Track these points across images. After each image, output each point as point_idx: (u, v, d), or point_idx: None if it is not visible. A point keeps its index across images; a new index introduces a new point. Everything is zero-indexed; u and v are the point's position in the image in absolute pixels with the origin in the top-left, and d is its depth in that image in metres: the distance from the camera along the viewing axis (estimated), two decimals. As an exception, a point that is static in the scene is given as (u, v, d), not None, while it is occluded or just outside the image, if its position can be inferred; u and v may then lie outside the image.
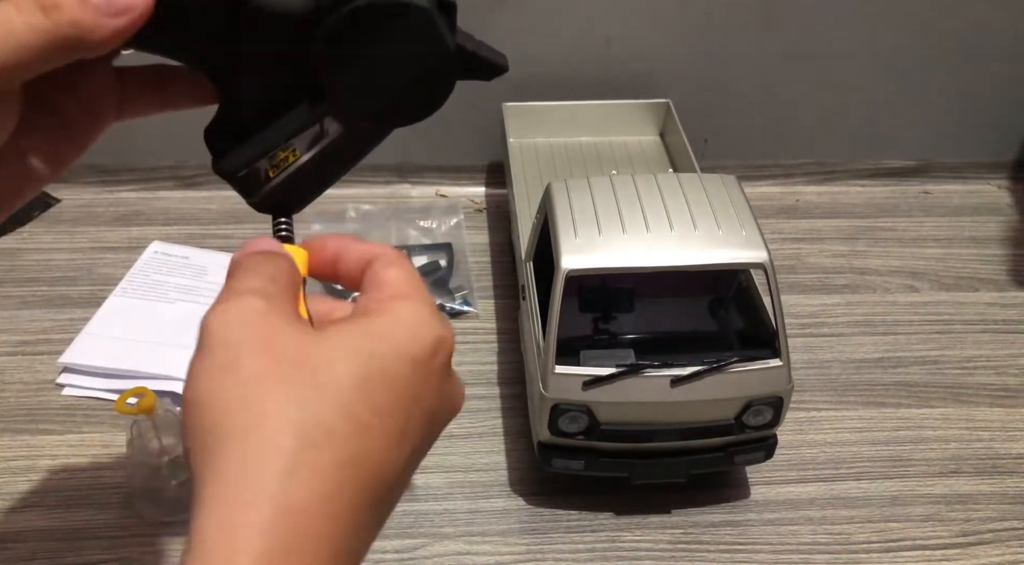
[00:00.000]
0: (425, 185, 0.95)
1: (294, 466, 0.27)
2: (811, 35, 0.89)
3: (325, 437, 0.28)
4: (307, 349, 0.29)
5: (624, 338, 0.62)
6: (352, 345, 0.30)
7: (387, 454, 0.30)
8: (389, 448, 0.30)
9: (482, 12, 0.85)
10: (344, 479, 0.28)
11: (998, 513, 0.65)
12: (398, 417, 0.30)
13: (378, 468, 0.29)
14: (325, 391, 0.29)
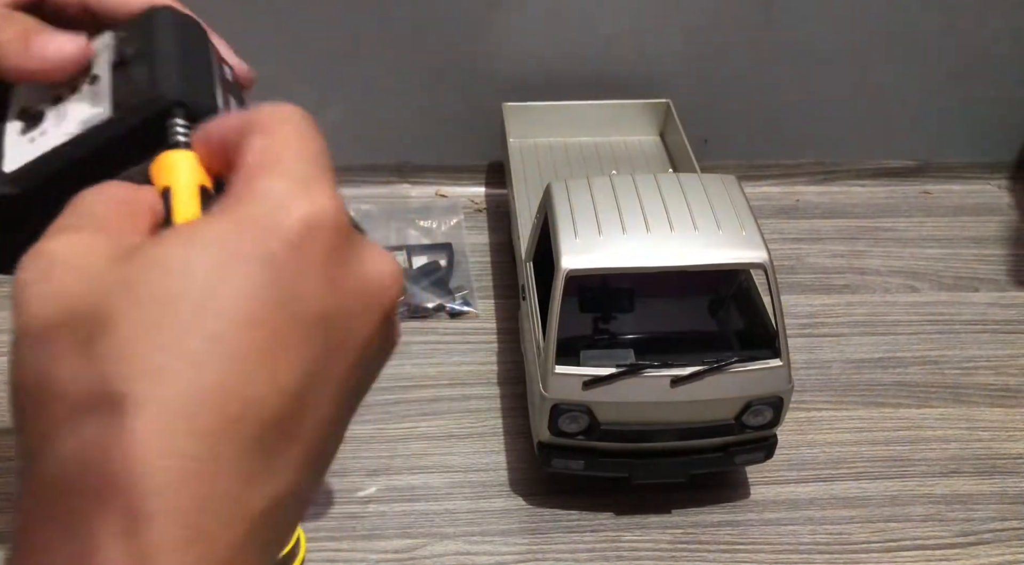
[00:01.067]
0: (425, 185, 0.95)
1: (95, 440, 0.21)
2: (811, 35, 0.89)
3: (133, 387, 0.21)
4: (104, 288, 0.22)
5: (624, 338, 0.62)
6: (162, 262, 0.23)
7: (245, 381, 0.22)
8: (245, 372, 0.22)
9: (483, 12, 0.85)
10: (175, 423, 0.21)
11: (998, 513, 0.65)
12: (252, 332, 0.22)
13: (233, 400, 0.22)
14: (124, 332, 0.22)
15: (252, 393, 0.22)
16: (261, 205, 0.24)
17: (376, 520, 0.63)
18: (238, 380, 0.22)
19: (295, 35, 0.85)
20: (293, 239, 0.23)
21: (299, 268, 0.23)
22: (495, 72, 0.89)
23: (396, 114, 0.91)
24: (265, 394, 0.22)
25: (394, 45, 0.87)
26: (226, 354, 0.22)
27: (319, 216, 0.24)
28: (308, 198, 0.24)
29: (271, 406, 0.23)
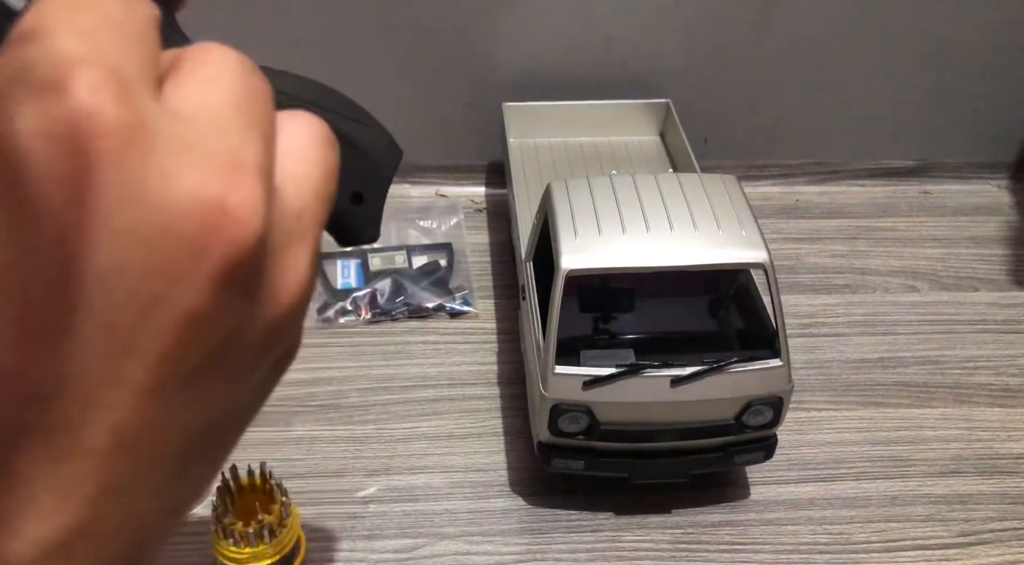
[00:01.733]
0: (425, 185, 0.95)
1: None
2: (811, 35, 0.89)
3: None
4: None
5: (624, 338, 0.62)
6: None
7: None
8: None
9: (483, 12, 0.85)
10: None
11: (998, 513, 0.65)
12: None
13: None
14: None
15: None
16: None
17: (376, 520, 0.63)
18: None
19: (295, 35, 0.85)
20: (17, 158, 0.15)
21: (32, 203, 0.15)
22: (495, 72, 0.89)
23: (396, 114, 0.90)
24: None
25: (394, 45, 0.87)
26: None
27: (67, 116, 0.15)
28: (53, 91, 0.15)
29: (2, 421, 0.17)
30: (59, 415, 0.16)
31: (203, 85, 0.18)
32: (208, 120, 0.17)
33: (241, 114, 0.18)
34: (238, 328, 0.17)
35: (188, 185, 0.16)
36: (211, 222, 0.16)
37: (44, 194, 0.15)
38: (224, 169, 0.16)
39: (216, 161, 0.16)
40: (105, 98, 0.15)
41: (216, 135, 0.17)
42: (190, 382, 0.17)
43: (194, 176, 0.16)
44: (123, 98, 0.15)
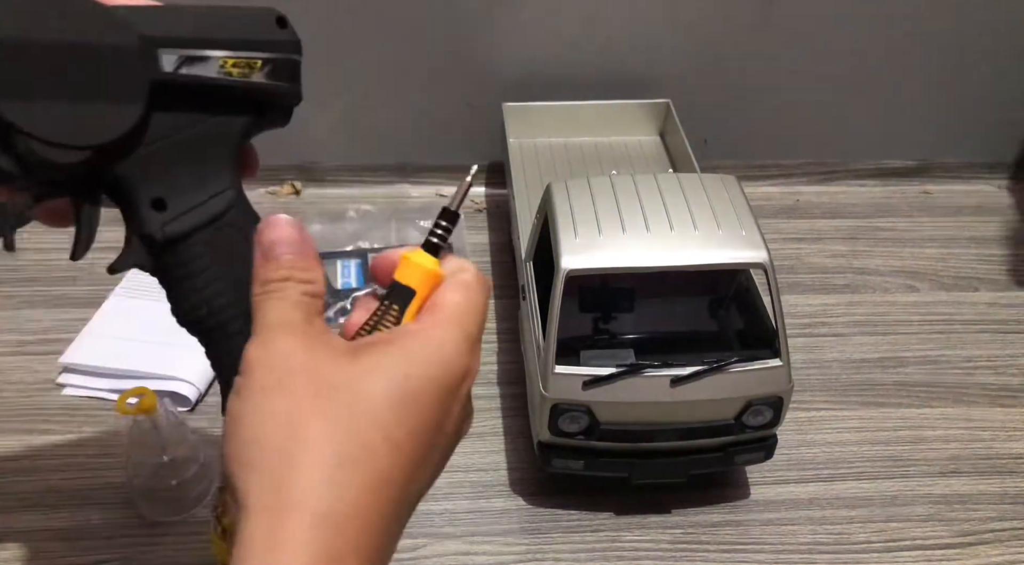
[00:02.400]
0: (425, 185, 0.95)
1: (332, 480, 0.29)
2: (811, 35, 0.89)
3: (362, 454, 0.30)
4: (347, 371, 0.31)
5: (624, 338, 0.62)
6: (391, 368, 0.31)
7: (414, 472, 0.32)
8: (415, 466, 0.31)
9: (483, 12, 0.85)
10: (378, 493, 0.30)
11: (998, 513, 0.65)
12: (425, 438, 0.32)
13: (405, 484, 0.31)
14: (364, 411, 0.30)
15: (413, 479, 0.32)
16: (448, 345, 0.33)
17: (376, 520, 0.63)
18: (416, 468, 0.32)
19: (295, 35, 0.85)
20: (457, 380, 0.33)
21: (453, 400, 0.33)
22: (495, 72, 0.89)
23: (396, 114, 0.91)
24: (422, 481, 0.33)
25: (394, 46, 0.87)
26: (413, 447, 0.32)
27: (472, 370, 0.34)
28: (472, 355, 0.34)
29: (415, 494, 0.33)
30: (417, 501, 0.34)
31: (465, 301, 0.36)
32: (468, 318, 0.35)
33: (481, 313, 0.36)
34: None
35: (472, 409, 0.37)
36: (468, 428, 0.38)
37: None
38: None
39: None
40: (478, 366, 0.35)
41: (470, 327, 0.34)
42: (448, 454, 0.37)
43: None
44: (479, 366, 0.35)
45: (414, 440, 0.31)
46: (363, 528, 0.29)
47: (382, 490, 0.30)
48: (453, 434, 0.35)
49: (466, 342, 0.33)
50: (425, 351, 0.32)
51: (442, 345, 0.33)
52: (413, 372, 0.32)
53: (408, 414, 0.31)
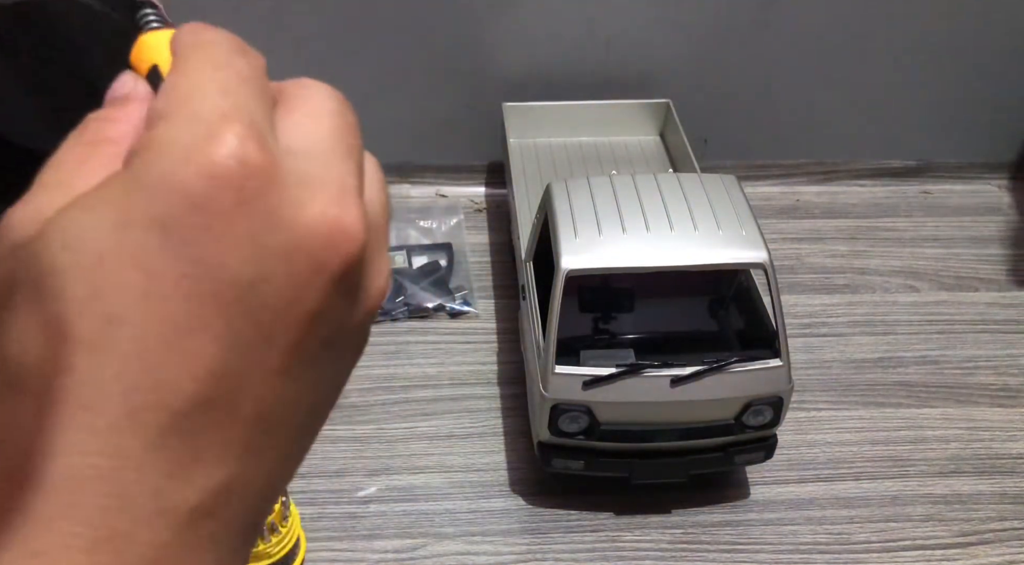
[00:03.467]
0: (425, 185, 0.95)
1: None
2: (811, 35, 0.89)
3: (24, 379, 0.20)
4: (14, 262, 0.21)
5: (624, 338, 0.62)
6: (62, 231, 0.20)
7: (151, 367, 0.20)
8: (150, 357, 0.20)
9: (483, 12, 0.85)
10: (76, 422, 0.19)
11: (998, 513, 0.65)
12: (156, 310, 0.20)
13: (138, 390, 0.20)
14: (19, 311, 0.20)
15: (159, 379, 0.19)
16: (156, 156, 0.20)
17: (376, 520, 0.63)
18: (141, 367, 0.19)
19: (295, 36, 0.85)
20: (193, 195, 0.19)
21: (204, 229, 0.20)
22: (495, 72, 0.89)
23: (396, 114, 0.91)
24: (175, 378, 0.20)
25: (394, 45, 0.87)
26: (126, 338, 0.19)
27: (224, 162, 0.20)
28: (212, 142, 0.20)
29: (184, 391, 0.20)
30: (223, 390, 0.21)
31: (309, 121, 0.23)
32: (318, 154, 0.22)
33: (342, 145, 0.23)
34: (343, 322, 0.22)
35: (314, 211, 0.21)
36: (331, 239, 0.21)
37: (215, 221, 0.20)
38: (337, 195, 0.21)
39: (331, 189, 0.21)
40: (250, 146, 0.20)
41: (327, 166, 0.22)
42: (309, 366, 0.22)
43: (317, 204, 0.21)
44: (262, 145, 0.20)
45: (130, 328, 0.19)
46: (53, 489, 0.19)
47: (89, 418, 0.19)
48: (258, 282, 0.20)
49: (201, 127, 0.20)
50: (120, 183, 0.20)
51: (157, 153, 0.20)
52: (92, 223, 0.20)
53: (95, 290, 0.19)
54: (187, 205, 0.20)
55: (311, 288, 0.21)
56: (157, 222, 0.20)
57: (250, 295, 0.20)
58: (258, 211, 0.20)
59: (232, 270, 0.20)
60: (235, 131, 0.20)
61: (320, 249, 0.21)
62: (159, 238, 0.20)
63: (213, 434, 0.20)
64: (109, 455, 0.19)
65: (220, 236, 0.20)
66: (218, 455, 0.21)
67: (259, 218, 0.20)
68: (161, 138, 0.20)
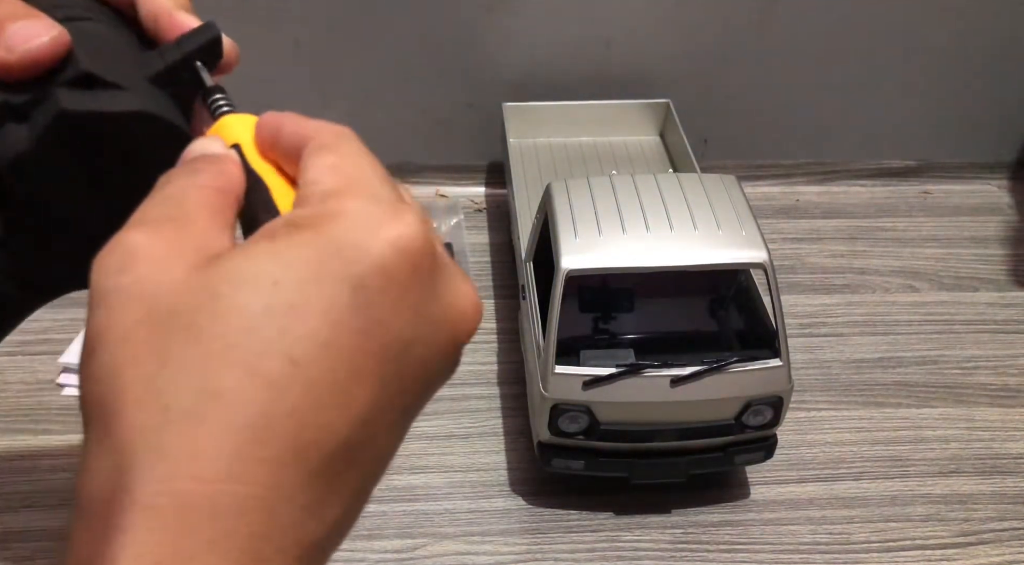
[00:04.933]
0: (425, 185, 0.95)
1: (158, 447, 0.20)
2: (811, 35, 0.89)
3: (209, 401, 0.21)
4: (188, 290, 0.22)
5: (624, 338, 0.62)
6: (251, 275, 0.22)
7: (320, 409, 0.21)
8: (321, 400, 0.21)
9: (483, 12, 0.85)
10: (244, 448, 0.20)
11: (998, 513, 0.65)
12: (333, 359, 0.22)
13: (307, 428, 0.21)
14: (205, 341, 0.21)
15: (324, 421, 0.21)
16: (350, 226, 0.23)
17: (376, 520, 0.63)
18: (312, 407, 0.21)
19: (295, 36, 0.85)
20: (382, 263, 0.22)
21: (385, 294, 0.22)
22: (495, 72, 0.89)
23: (396, 114, 0.91)
24: (336, 423, 0.22)
25: (394, 45, 0.87)
26: (304, 379, 0.21)
27: (408, 240, 0.23)
28: (395, 222, 0.23)
29: (340, 435, 0.22)
30: (364, 435, 0.23)
31: (423, 212, 0.26)
32: (440, 244, 0.25)
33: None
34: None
35: (467, 290, 0.25)
36: (471, 316, 0.26)
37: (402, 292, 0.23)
38: (468, 279, 0.26)
39: (466, 276, 0.26)
40: (425, 230, 0.24)
41: (447, 253, 0.26)
42: (411, 419, 0.26)
43: (467, 286, 0.25)
44: (429, 230, 0.24)
45: (310, 367, 0.21)
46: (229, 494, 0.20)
47: (249, 441, 0.20)
48: (420, 337, 0.24)
49: (371, 208, 0.23)
50: (306, 243, 0.22)
51: (334, 228, 0.23)
52: (285, 275, 0.22)
53: (287, 333, 0.21)
54: (376, 272, 0.22)
55: (444, 351, 0.25)
56: (349, 282, 0.22)
57: (404, 354, 0.23)
58: (426, 284, 0.24)
59: (396, 331, 0.23)
60: (415, 215, 0.23)
61: (461, 322, 0.25)
62: (349, 296, 0.22)
63: (346, 475, 0.22)
64: (271, 487, 0.21)
65: (396, 301, 0.23)
66: (343, 494, 0.22)
67: (426, 290, 0.24)
68: (353, 210, 0.23)
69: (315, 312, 0.22)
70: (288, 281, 0.22)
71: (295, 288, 0.22)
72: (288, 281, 0.22)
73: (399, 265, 0.23)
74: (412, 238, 0.23)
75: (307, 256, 0.22)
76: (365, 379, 0.22)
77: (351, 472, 0.23)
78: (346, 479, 0.23)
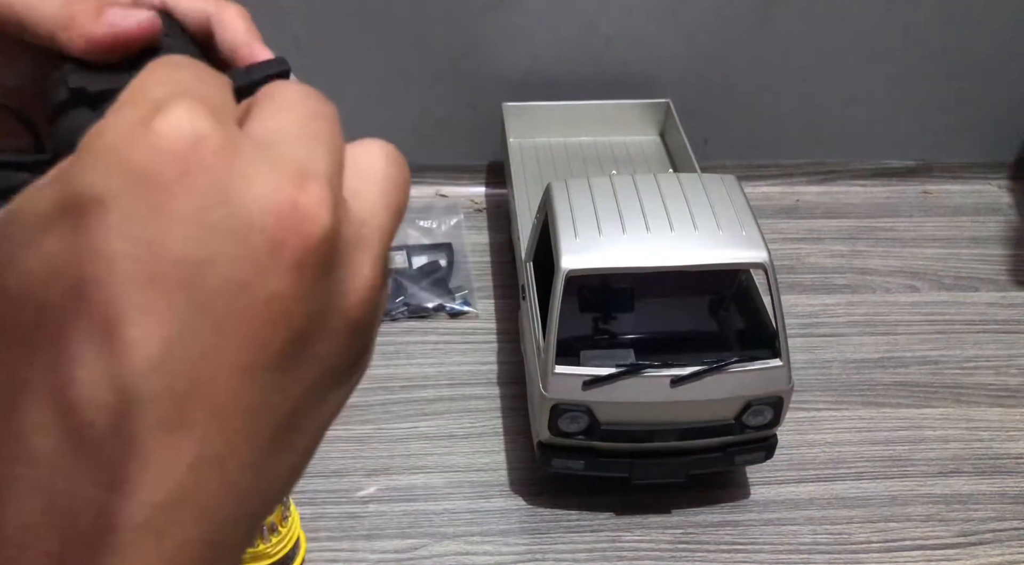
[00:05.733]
0: (425, 185, 0.95)
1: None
2: (811, 35, 0.89)
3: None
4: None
5: (624, 338, 0.62)
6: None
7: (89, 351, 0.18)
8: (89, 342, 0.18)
9: (482, 12, 0.85)
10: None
11: (998, 513, 0.65)
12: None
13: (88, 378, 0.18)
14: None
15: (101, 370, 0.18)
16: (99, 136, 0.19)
17: (376, 520, 0.63)
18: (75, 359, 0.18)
19: (295, 35, 0.85)
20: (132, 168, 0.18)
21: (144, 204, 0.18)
22: (495, 72, 0.89)
23: (396, 114, 0.91)
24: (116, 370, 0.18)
25: (394, 46, 0.87)
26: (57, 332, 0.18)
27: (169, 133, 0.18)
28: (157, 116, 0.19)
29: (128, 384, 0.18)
30: (173, 384, 0.18)
31: (272, 113, 0.21)
32: (278, 139, 0.21)
33: (306, 131, 0.21)
34: (315, 318, 0.20)
35: (265, 188, 0.19)
36: (286, 219, 0.19)
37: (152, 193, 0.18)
38: (294, 175, 0.19)
39: (287, 169, 0.20)
40: (199, 119, 0.19)
41: (285, 150, 0.20)
42: (276, 365, 0.19)
43: (269, 181, 0.19)
44: (213, 121, 0.19)
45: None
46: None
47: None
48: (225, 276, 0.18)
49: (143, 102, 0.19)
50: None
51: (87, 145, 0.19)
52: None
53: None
54: (126, 179, 0.18)
55: (267, 271, 0.19)
56: (95, 199, 0.18)
57: (196, 277, 0.18)
58: (203, 185, 0.18)
59: (175, 250, 0.18)
60: (184, 105, 0.19)
61: (275, 228, 0.19)
62: (96, 216, 0.18)
63: (157, 441, 0.18)
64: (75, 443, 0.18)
65: (161, 212, 0.18)
66: (163, 465, 0.18)
67: (205, 193, 0.18)
68: (108, 120, 0.19)
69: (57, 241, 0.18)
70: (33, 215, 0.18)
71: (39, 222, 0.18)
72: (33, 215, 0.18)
73: (158, 167, 0.18)
74: (173, 129, 0.18)
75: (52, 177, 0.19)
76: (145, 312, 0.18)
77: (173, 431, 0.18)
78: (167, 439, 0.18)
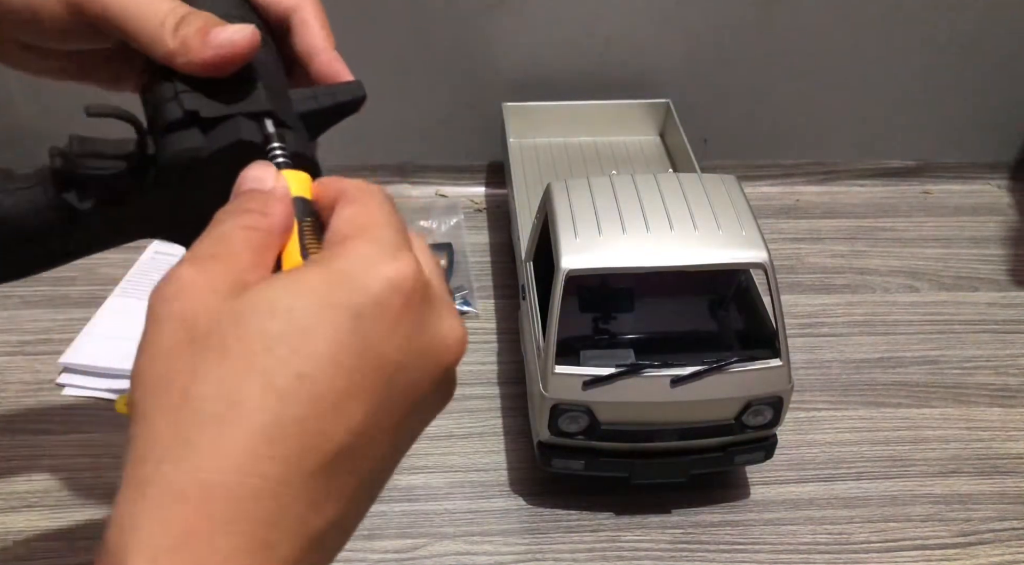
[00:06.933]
0: (425, 185, 0.95)
1: (188, 442, 0.25)
2: (811, 35, 0.89)
3: (232, 408, 0.25)
4: (220, 316, 0.26)
5: (624, 338, 0.62)
6: (269, 304, 0.26)
7: (321, 417, 0.26)
8: (322, 410, 0.26)
9: (482, 12, 0.85)
10: (258, 447, 0.25)
11: (998, 513, 0.65)
12: (333, 376, 0.26)
13: (309, 433, 0.26)
14: (231, 358, 0.26)
15: (325, 428, 0.26)
16: (353, 264, 0.27)
17: (376, 520, 0.63)
18: (315, 416, 0.26)
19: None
20: (378, 296, 0.27)
21: (379, 322, 0.27)
22: (495, 72, 0.89)
23: (396, 114, 0.91)
24: (335, 430, 0.26)
25: (394, 45, 0.87)
26: (309, 392, 0.26)
27: (400, 279, 0.28)
28: (393, 262, 0.28)
29: (339, 442, 0.26)
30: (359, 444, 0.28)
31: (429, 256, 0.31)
32: (438, 281, 0.30)
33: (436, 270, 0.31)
34: (438, 403, 0.32)
35: (452, 324, 0.30)
36: (456, 348, 0.30)
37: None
38: (457, 314, 0.30)
39: (455, 311, 0.30)
40: (417, 269, 0.28)
41: (442, 287, 0.30)
42: (406, 434, 0.32)
43: (453, 320, 0.30)
44: (422, 270, 0.28)
45: (315, 383, 0.26)
46: (245, 490, 0.25)
47: (263, 445, 0.25)
48: (409, 362, 0.28)
49: (375, 250, 0.28)
50: (319, 277, 0.27)
51: (342, 266, 0.27)
52: (299, 304, 0.26)
53: (296, 353, 0.26)
54: (372, 303, 0.27)
55: (430, 376, 0.29)
56: (349, 311, 0.27)
57: (395, 376, 0.28)
58: (416, 316, 0.28)
59: (388, 355, 0.27)
60: (409, 259, 0.28)
61: (446, 352, 0.30)
62: (349, 323, 0.27)
63: (345, 477, 0.27)
64: (280, 481, 0.25)
65: (389, 330, 0.27)
66: (342, 495, 0.27)
67: (415, 322, 0.28)
68: (357, 251, 0.28)
69: (320, 335, 0.26)
70: (299, 309, 0.26)
71: (305, 315, 0.26)
72: (299, 309, 0.26)
73: (392, 299, 0.27)
74: (406, 277, 0.28)
75: (316, 288, 0.27)
76: (360, 394, 0.27)
77: (348, 476, 0.27)
78: (344, 481, 0.27)
